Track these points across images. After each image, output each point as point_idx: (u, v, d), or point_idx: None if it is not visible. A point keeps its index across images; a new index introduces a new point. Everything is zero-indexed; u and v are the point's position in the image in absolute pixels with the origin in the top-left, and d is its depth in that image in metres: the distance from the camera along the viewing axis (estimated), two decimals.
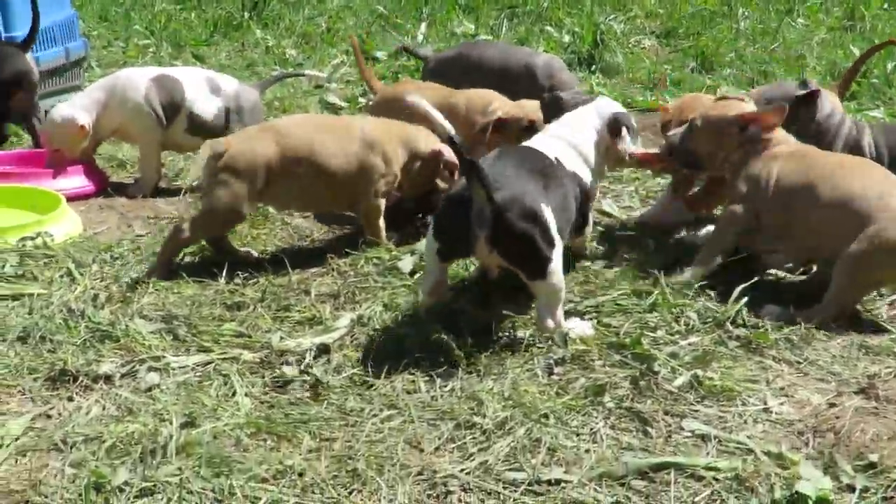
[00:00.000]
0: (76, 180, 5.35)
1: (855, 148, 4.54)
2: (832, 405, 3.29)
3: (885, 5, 11.58)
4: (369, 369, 3.52)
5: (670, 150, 4.41)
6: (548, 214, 3.56)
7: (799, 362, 3.60)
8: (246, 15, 10.38)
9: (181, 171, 5.87)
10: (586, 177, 4.11)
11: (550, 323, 3.64)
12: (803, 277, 4.34)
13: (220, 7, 10.98)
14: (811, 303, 3.92)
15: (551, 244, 3.55)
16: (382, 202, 4.59)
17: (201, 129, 5.42)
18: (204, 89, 5.46)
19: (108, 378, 3.46)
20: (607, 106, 4.34)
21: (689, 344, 3.65)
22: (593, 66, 8.47)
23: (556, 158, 3.95)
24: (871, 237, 3.78)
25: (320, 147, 4.43)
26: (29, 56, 5.93)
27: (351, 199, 4.56)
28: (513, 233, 3.50)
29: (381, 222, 4.60)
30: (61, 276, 4.25)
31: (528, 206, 3.52)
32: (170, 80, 5.41)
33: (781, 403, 3.32)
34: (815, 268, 4.29)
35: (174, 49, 9.14)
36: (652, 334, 3.73)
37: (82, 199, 5.29)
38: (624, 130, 4.26)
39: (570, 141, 4.14)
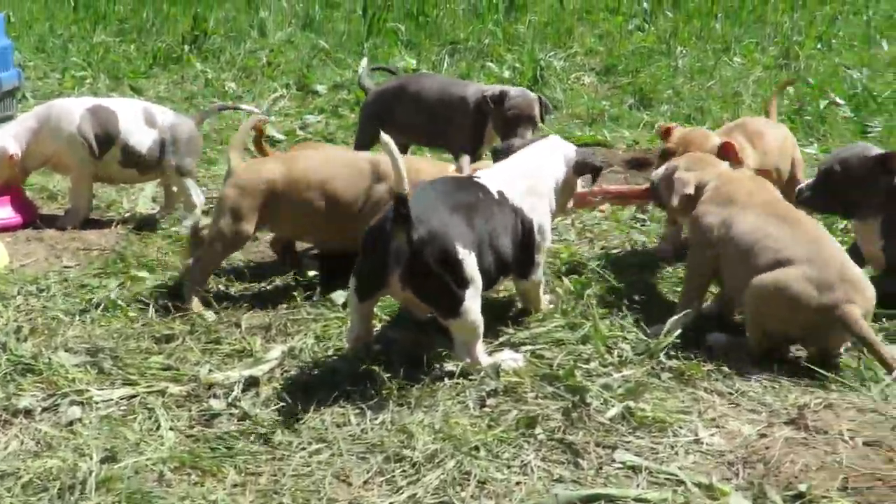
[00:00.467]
0: (3, 211, 5.23)
1: None
2: (763, 436, 3.29)
3: (819, 45, 11.80)
4: (299, 402, 3.47)
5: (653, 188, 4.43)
6: (463, 254, 3.49)
7: (731, 393, 3.60)
8: (186, 48, 10.31)
9: (113, 203, 5.77)
10: (535, 212, 3.97)
11: (468, 360, 3.61)
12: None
13: (160, 40, 10.89)
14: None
15: (464, 285, 3.50)
16: None
17: (135, 161, 5.35)
18: (139, 121, 5.38)
19: (27, 412, 3.38)
20: (565, 145, 4.28)
21: (622, 376, 3.63)
22: None
23: (498, 191, 3.88)
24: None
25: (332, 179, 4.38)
26: None
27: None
28: (425, 272, 3.45)
29: None
30: None
31: (442, 246, 3.46)
32: (105, 111, 5.33)
33: (712, 434, 3.31)
34: None
35: (112, 81, 9.04)
36: (585, 366, 3.71)
37: (10, 231, 5.17)
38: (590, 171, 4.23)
39: (523, 173, 4.04)
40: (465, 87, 5.88)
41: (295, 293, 4.31)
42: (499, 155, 4.42)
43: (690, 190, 4.19)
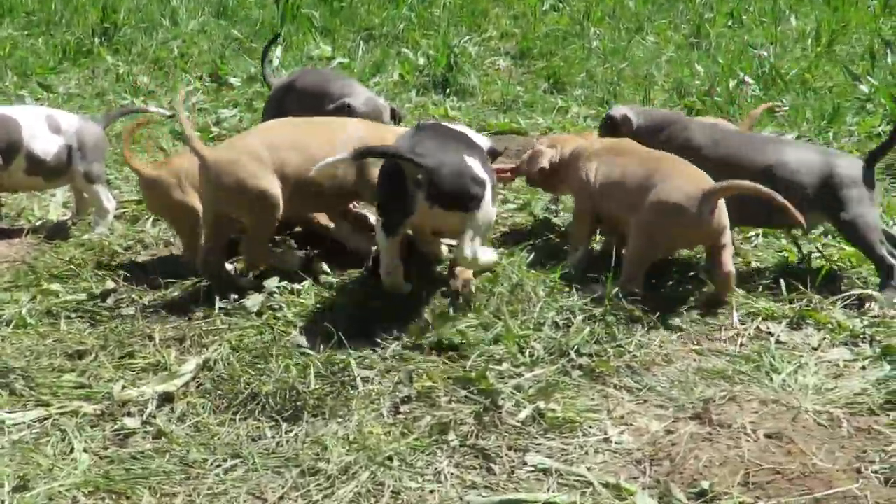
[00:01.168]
0: None
1: None
2: (669, 432, 3.40)
3: (730, 22, 12.00)
4: (213, 416, 3.48)
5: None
6: (470, 161, 4.10)
7: (639, 389, 3.70)
8: (96, 41, 10.11)
9: (23, 210, 5.68)
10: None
11: (469, 252, 4.07)
12: None
13: (70, 32, 10.68)
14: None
15: (480, 183, 4.07)
16: None
17: (41, 168, 5.27)
18: (43, 128, 5.29)
19: None
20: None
21: (534, 375, 3.71)
22: (448, 90, 8.53)
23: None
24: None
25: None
26: None
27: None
28: (445, 188, 4.01)
29: None
30: None
31: (460, 167, 4.07)
32: (6, 121, 5.23)
33: (621, 432, 3.41)
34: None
35: (20, 78, 8.85)
36: (497, 367, 3.77)
37: None
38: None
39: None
40: (333, 88, 5.84)
41: (209, 300, 4.31)
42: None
43: (545, 164, 4.90)
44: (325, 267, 4.60)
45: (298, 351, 3.86)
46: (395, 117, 5.69)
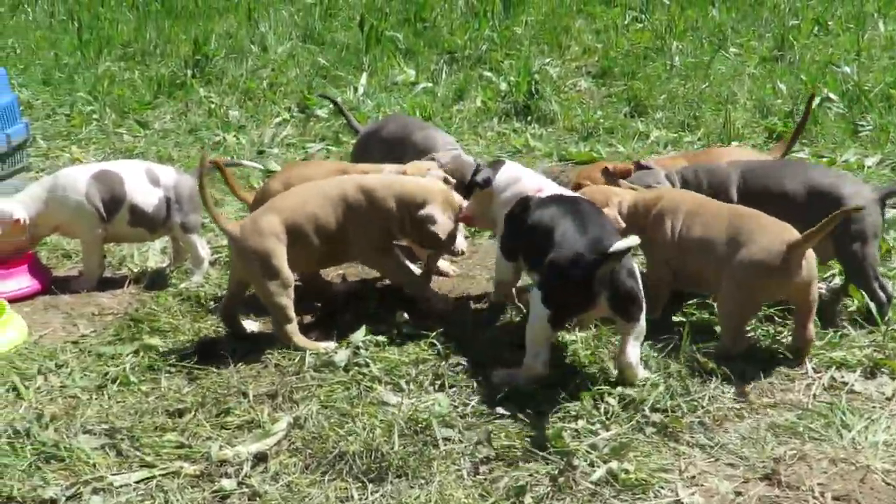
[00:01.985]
0: (20, 281, 5.47)
1: None
2: (738, 493, 3.51)
3: (816, 29, 11.88)
4: (304, 476, 3.70)
5: None
6: (635, 267, 4.21)
7: (711, 446, 3.81)
8: (189, 73, 10.49)
9: (124, 259, 6.00)
10: None
11: (634, 358, 4.18)
12: None
13: (164, 64, 11.10)
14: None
15: (641, 288, 4.19)
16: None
17: (143, 220, 5.58)
18: (144, 181, 5.60)
19: (53, 503, 3.61)
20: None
21: (609, 435, 3.84)
22: (529, 117, 8.67)
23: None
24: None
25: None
26: None
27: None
28: (625, 290, 4.10)
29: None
30: (6, 391, 4.39)
31: (630, 268, 4.14)
32: (110, 175, 5.56)
33: (692, 493, 3.53)
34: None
35: (118, 116, 9.24)
36: (573, 425, 3.92)
37: (27, 300, 5.41)
38: None
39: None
40: (416, 138, 6.00)
41: (298, 357, 4.55)
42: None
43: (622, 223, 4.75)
44: (405, 317, 4.82)
45: (382, 410, 4.06)
46: (477, 173, 5.79)
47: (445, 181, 5.10)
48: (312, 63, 10.88)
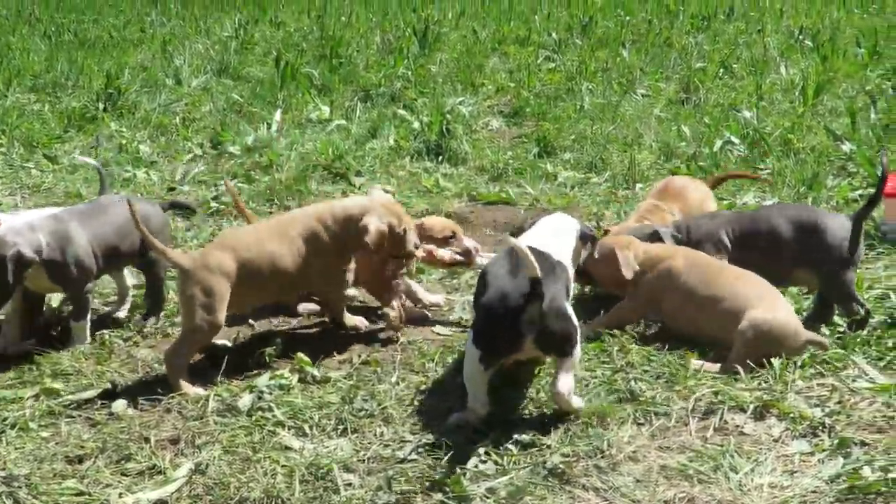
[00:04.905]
0: None
1: None
2: None
3: (721, 71, 12.24)
4: None
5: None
6: (570, 308, 4.32)
7: (605, 489, 3.90)
8: (101, 105, 10.42)
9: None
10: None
11: (566, 388, 4.23)
12: None
13: (75, 97, 11.00)
14: None
15: (576, 329, 4.29)
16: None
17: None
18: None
19: None
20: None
21: (507, 479, 3.92)
22: (440, 157, 8.79)
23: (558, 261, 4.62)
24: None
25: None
26: None
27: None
28: (553, 332, 4.20)
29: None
30: None
31: (561, 309, 4.25)
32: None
33: None
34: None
35: (26, 150, 9.13)
36: (473, 468, 3.99)
37: None
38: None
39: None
40: None
41: (202, 400, 4.55)
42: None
43: (629, 275, 5.17)
44: (305, 357, 4.87)
45: (285, 455, 4.09)
46: None
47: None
48: (226, 98, 10.88)
